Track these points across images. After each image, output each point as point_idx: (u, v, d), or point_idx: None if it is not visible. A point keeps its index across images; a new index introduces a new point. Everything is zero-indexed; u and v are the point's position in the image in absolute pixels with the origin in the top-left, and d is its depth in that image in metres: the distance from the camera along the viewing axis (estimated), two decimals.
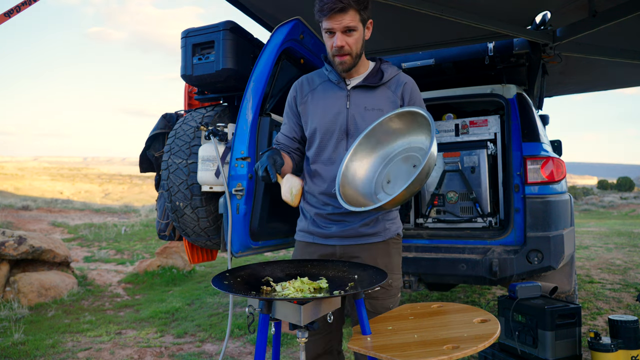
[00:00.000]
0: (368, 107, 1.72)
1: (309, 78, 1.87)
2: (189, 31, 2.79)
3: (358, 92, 1.75)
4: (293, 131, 1.86)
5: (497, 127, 3.67)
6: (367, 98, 1.74)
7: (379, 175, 1.68)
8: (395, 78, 1.79)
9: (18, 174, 64.23)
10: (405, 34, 3.94)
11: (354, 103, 1.74)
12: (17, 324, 3.98)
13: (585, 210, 19.18)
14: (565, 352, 2.58)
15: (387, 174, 1.67)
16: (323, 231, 1.78)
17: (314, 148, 1.78)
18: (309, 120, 1.79)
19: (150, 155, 3.08)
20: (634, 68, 4.78)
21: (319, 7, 1.61)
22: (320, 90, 1.80)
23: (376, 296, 1.71)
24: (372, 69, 1.79)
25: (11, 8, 2.11)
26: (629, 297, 4.65)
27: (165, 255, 6.34)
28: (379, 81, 1.75)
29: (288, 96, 1.88)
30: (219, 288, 1.26)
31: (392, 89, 1.76)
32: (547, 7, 3.37)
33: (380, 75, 1.77)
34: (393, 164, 1.68)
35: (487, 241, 3.24)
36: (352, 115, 1.72)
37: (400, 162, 1.66)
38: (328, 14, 1.59)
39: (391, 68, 1.81)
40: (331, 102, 1.76)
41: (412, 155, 1.63)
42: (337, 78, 1.76)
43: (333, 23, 1.61)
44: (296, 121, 1.85)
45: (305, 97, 1.82)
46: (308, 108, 1.80)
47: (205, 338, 3.70)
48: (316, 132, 1.76)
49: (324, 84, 1.81)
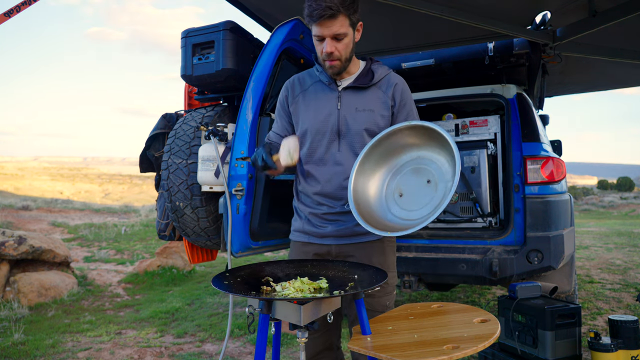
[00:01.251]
0: (359, 108, 1.73)
1: (300, 78, 1.87)
2: (189, 31, 2.80)
3: (349, 93, 1.76)
4: (285, 129, 1.86)
5: (497, 127, 3.67)
6: (358, 99, 1.74)
7: (388, 187, 1.67)
8: (385, 78, 1.79)
9: (18, 174, 64.23)
10: (405, 34, 3.94)
11: (345, 104, 1.74)
12: (17, 324, 3.98)
13: (585, 210, 19.18)
14: (565, 352, 2.58)
15: (398, 187, 1.65)
16: (318, 231, 1.78)
17: (305, 149, 1.78)
18: (300, 121, 1.79)
19: (150, 155, 3.09)
20: (634, 68, 4.78)
21: (307, 12, 1.60)
22: (312, 91, 1.80)
23: (372, 294, 1.72)
24: (362, 69, 1.79)
25: (11, 8, 2.11)
26: (629, 297, 4.65)
27: (165, 255, 6.34)
28: (370, 82, 1.75)
29: (280, 95, 1.88)
30: (219, 288, 1.26)
31: (382, 89, 1.76)
32: (547, 7, 3.36)
33: (370, 76, 1.77)
34: (402, 175, 1.66)
35: (487, 241, 3.24)
36: (344, 116, 1.73)
37: (411, 174, 1.64)
38: (317, 20, 1.58)
39: (381, 68, 1.81)
40: (322, 103, 1.76)
41: (423, 168, 1.61)
42: (328, 79, 1.77)
43: (322, 29, 1.60)
44: (288, 120, 1.85)
45: (296, 98, 1.82)
46: (299, 108, 1.80)
47: (205, 338, 3.70)
48: (307, 133, 1.76)
49: (315, 84, 1.81)
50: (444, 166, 1.57)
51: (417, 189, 1.61)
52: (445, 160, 1.57)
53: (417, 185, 1.61)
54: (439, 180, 1.56)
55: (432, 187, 1.57)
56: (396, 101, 1.76)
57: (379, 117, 1.73)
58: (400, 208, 1.62)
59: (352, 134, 1.72)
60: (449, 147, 1.50)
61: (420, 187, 1.60)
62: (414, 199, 1.61)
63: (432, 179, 1.58)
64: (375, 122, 1.72)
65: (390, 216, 1.62)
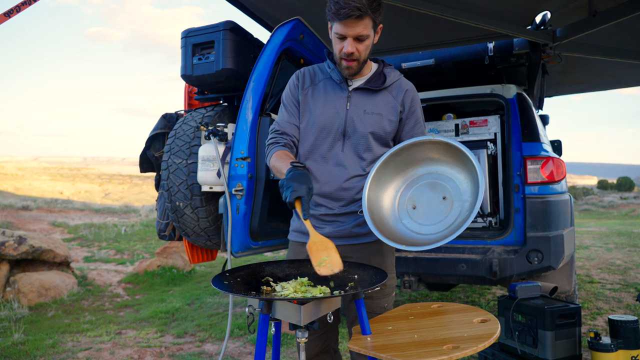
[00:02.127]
0: (368, 111, 1.71)
1: (310, 71, 1.83)
2: (189, 31, 2.80)
3: (359, 94, 1.74)
4: (296, 118, 1.79)
5: (497, 127, 3.67)
6: (368, 101, 1.72)
7: (401, 197, 1.65)
8: (397, 83, 1.77)
9: (18, 174, 64.24)
10: (405, 34, 3.95)
11: (354, 105, 1.72)
12: (17, 324, 3.98)
13: (585, 210, 19.18)
14: (565, 352, 2.58)
15: (412, 198, 1.63)
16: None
17: (307, 144, 1.75)
18: (306, 115, 1.76)
19: (150, 155, 3.09)
20: (634, 68, 4.78)
21: (334, 10, 1.55)
22: (322, 87, 1.78)
23: (371, 296, 1.71)
24: (374, 72, 1.77)
25: (11, 8, 2.12)
26: (629, 297, 4.65)
27: (165, 255, 6.34)
28: (381, 85, 1.73)
29: (289, 83, 1.83)
30: (219, 288, 1.26)
31: (393, 94, 1.75)
32: (547, 7, 3.37)
33: (382, 79, 1.75)
34: (417, 188, 1.63)
35: (487, 241, 3.24)
36: (351, 117, 1.71)
37: (426, 188, 1.62)
38: (344, 20, 1.54)
39: (394, 72, 1.79)
40: (331, 101, 1.74)
41: (439, 183, 1.59)
42: (340, 78, 1.74)
43: (346, 29, 1.57)
44: (299, 108, 1.79)
45: (306, 90, 1.78)
46: (307, 101, 1.77)
47: (205, 338, 3.70)
48: (312, 128, 1.74)
49: (326, 81, 1.78)
50: (462, 185, 1.54)
51: (431, 204, 1.59)
52: (464, 179, 1.54)
53: (432, 200, 1.59)
54: (455, 199, 1.54)
55: (447, 204, 1.55)
56: (405, 107, 1.74)
57: (387, 121, 1.71)
58: (412, 220, 1.60)
59: (357, 136, 1.70)
60: (471, 167, 1.48)
61: (435, 202, 1.58)
62: (427, 213, 1.58)
63: (449, 197, 1.55)
64: (383, 126, 1.70)
65: (400, 226, 1.60)
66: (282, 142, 1.72)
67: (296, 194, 1.36)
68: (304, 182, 1.40)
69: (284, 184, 1.40)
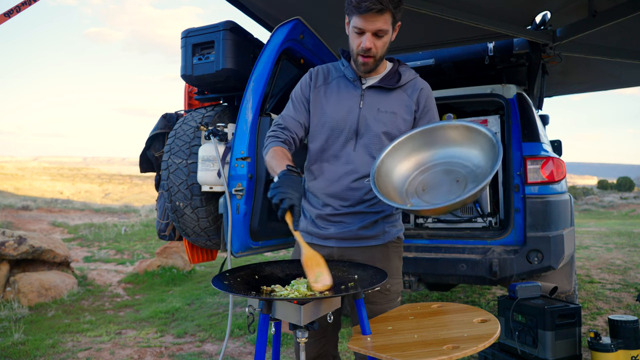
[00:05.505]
0: (381, 109, 1.68)
1: (324, 69, 1.80)
2: (189, 31, 2.79)
3: (373, 92, 1.71)
4: (302, 116, 1.76)
5: (497, 127, 3.67)
6: (382, 100, 1.69)
7: (413, 180, 1.60)
8: (412, 82, 1.74)
9: (18, 174, 64.26)
10: (405, 34, 3.94)
11: (368, 103, 1.69)
12: (17, 324, 3.98)
13: (585, 210, 19.18)
14: (565, 352, 2.58)
15: (423, 182, 1.58)
16: (321, 232, 1.75)
17: (319, 143, 1.73)
18: (318, 114, 1.73)
19: (150, 155, 3.09)
20: (634, 68, 4.79)
21: (354, 3, 1.51)
22: (334, 85, 1.75)
23: (374, 301, 1.68)
24: (389, 70, 1.74)
25: (11, 8, 2.12)
26: (629, 297, 4.65)
27: (165, 255, 6.34)
28: (396, 84, 1.70)
29: (301, 80, 1.80)
30: (219, 288, 1.26)
31: (408, 92, 1.72)
32: (547, 7, 3.37)
33: (397, 78, 1.72)
34: (430, 173, 1.59)
35: (487, 241, 3.24)
36: (364, 116, 1.68)
37: (441, 174, 1.58)
38: (364, 13, 1.51)
39: (409, 71, 1.76)
40: (344, 99, 1.71)
41: (454, 170, 1.55)
42: (353, 75, 1.71)
43: (366, 23, 1.54)
44: (307, 107, 1.77)
45: (318, 88, 1.76)
46: (319, 100, 1.74)
47: (205, 338, 3.70)
48: (324, 127, 1.71)
49: (339, 79, 1.75)
50: (478, 169, 1.50)
51: (442, 185, 1.55)
52: (480, 163, 1.50)
53: (444, 182, 1.55)
54: (469, 181, 1.50)
55: (460, 185, 1.51)
56: (420, 106, 1.72)
57: (401, 120, 1.68)
58: (419, 200, 1.55)
59: (370, 135, 1.67)
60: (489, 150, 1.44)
61: (447, 184, 1.54)
62: (436, 192, 1.54)
63: (462, 179, 1.52)
64: (397, 125, 1.67)
65: (405, 202, 1.55)
66: (282, 138, 1.69)
67: (290, 202, 1.33)
68: (297, 189, 1.37)
69: (276, 187, 1.37)
